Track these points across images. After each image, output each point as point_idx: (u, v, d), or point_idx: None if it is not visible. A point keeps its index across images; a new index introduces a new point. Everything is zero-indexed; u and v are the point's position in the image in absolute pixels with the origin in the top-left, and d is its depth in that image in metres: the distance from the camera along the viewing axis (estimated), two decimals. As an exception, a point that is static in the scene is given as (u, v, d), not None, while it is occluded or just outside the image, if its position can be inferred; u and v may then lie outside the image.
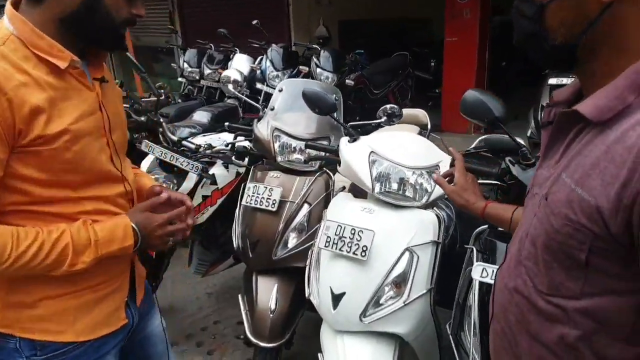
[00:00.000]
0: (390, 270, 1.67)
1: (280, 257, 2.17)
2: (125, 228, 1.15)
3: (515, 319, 0.87)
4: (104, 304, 1.20)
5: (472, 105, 1.48)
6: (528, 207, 0.89)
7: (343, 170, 1.88)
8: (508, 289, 0.88)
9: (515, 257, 0.87)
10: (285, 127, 2.29)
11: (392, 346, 1.74)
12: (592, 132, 0.74)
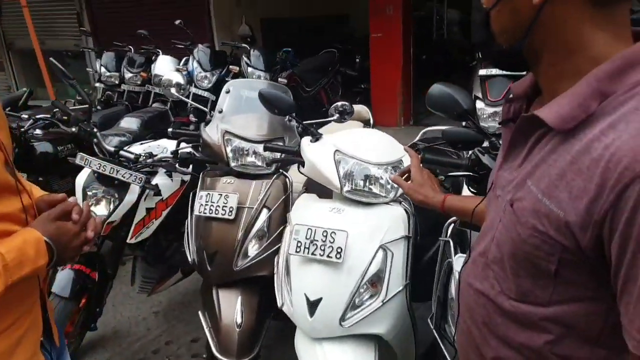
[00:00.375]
0: (366, 270, 1.63)
1: (241, 267, 2.07)
2: (37, 244, 0.96)
3: (482, 320, 0.86)
4: (19, 351, 0.98)
5: (439, 99, 1.48)
6: (492, 208, 0.87)
7: (308, 171, 1.81)
8: (474, 290, 0.87)
9: (482, 259, 0.86)
10: (236, 129, 2.18)
11: (372, 347, 1.71)
12: (554, 139, 0.72)
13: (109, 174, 2.30)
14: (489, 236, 0.84)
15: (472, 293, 0.88)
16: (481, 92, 3.41)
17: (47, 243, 0.98)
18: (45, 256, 0.98)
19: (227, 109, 2.24)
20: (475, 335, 0.88)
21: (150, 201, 2.51)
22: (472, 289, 0.88)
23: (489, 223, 0.86)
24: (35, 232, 0.98)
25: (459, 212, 1.25)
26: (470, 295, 0.88)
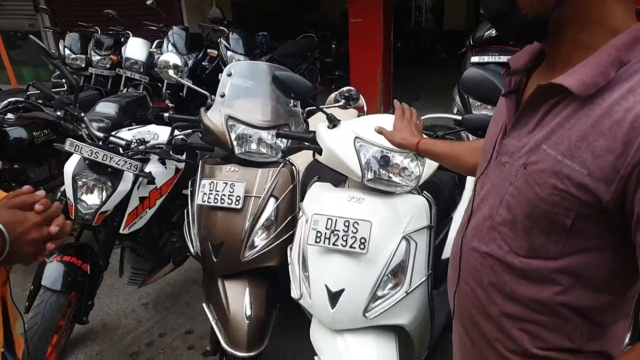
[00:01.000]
0: (390, 260, 1.60)
1: (249, 258, 2.00)
2: None
3: (488, 280, 0.91)
4: None
5: (476, 83, 1.45)
6: (495, 174, 0.91)
7: (326, 159, 1.75)
8: (480, 253, 0.92)
9: (487, 223, 0.91)
10: (239, 115, 2.09)
11: (393, 337, 1.69)
12: (571, 105, 0.78)
13: (102, 161, 2.17)
14: (493, 201, 0.90)
15: (477, 256, 0.93)
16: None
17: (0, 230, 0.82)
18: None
19: (229, 92, 2.14)
20: (479, 295, 0.94)
21: (143, 190, 2.39)
22: (478, 252, 0.93)
23: (492, 189, 0.91)
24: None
25: (432, 154, 1.36)
26: (476, 259, 0.94)
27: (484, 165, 0.97)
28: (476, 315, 0.96)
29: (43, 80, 6.84)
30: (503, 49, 3.50)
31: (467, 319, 1.00)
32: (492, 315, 0.92)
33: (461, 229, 1.02)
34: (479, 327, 0.96)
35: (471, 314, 0.98)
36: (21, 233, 0.85)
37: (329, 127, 1.78)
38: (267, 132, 2.10)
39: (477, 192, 0.99)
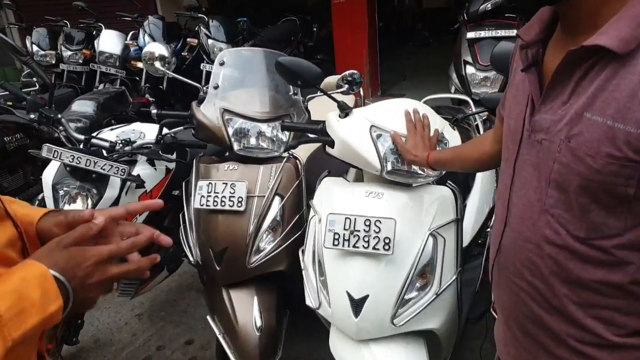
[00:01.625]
0: (417, 260, 1.45)
1: (255, 263, 1.84)
2: (42, 281, 0.66)
3: (549, 270, 0.84)
4: None
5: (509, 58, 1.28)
6: (531, 155, 0.84)
7: (339, 151, 1.58)
8: (534, 243, 0.85)
9: (537, 207, 0.84)
10: (236, 107, 1.90)
11: (422, 342, 1.55)
12: (611, 65, 0.72)
13: (85, 167, 1.96)
14: (538, 183, 0.83)
15: (531, 247, 0.86)
16: (470, 56, 3.26)
17: (58, 279, 0.67)
18: (57, 298, 0.66)
19: (223, 83, 1.95)
20: (540, 289, 0.86)
21: (132, 195, 2.20)
22: (531, 242, 0.86)
23: (533, 171, 0.84)
24: (39, 266, 0.67)
25: (442, 163, 1.36)
26: (530, 250, 0.86)
27: (514, 148, 0.89)
28: (538, 311, 0.88)
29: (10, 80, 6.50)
30: (499, 22, 3.35)
31: (525, 318, 0.91)
32: (559, 308, 0.85)
33: (500, 221, 0.94)
34: (543, 324, 0.88)
35: (532, 311, 0.89)
36: (83, 278, 0.70)
37: (340, 116, 1.60)
38: (266, 125, 1.92)
39: (510, 178, 0.90)
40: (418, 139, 1.45)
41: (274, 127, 1.93)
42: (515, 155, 0.88)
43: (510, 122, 0.91)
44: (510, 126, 0.90)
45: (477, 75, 3.20)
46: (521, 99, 0.88)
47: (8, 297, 0.62)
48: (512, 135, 0.89)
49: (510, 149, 0.90)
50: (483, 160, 1.22)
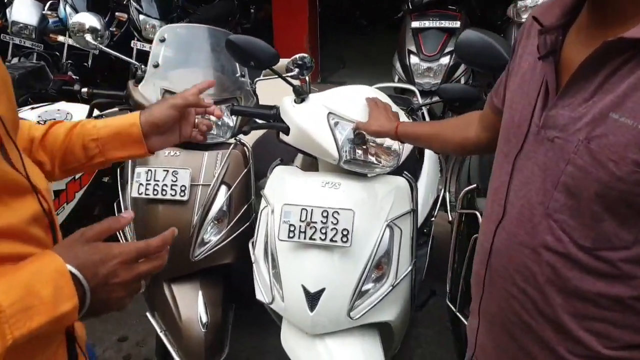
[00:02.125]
0: (374, 252, 1.42)
1: (200, 256, 1.73)
2: (57, 277, 0.60)
3: (545, 278, 0.78)
4: None
5: (475, 49, 1.27)
6: (539, 153, 0.78)
7: (294, 139, 1.51)
8: (531, 248, 0.79)
9: (539, 210, 0.77)
10: (178, 88, 1.76)
11: (376, 334, 1.53)
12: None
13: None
14: (543, 184, 0.76)
15: (527, 252, 0.80)
16: (415, 46, 3.27)
17: (75, 276, 0.61)
18: (71, 297, 0.60)
19: (164, 62, 1.79)
20: (532, 296, 0.81)
21: (59, 182, 1.99)
22: (528, 247, 0.79)
23: (539, 170, 0.77)
24: (56, 259, 0.61)
25: (413, 137, 1.30)
26: (525, 255, 0.80)
27: (516, 143, 0.82)
28: (528, 318, 0.83)
29: None
30: (443, 13, 3.39)
31: (512, 324, 0.85)
32: (551, 317, 0.79)
33: (492, 220, 0.86)
34: (532, 332, 0.83)
35: (520, 319, 0.84)
36: (105, 277, 0.64)
37: (295, 101, 1.52)
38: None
39: (509, 175, 0.83)
40: (381, 111, 1.39)
41: (221, 111, 1.81)
42: (517, 151, 0.81)
43: (513, 113, 0.84)
44: (513, 118, 0.83)
45: (420, 65, 3.23)
46: (530, 90, 0.80)
47: (14, 291, 0.56)
48: (514, 129, 0.83)
49: (512, 143, 0.83)
50: (465, 145, 1.16)
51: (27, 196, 0.67)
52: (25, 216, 0.65)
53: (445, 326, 2.37)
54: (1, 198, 0.62)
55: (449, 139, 1.20)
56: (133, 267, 0.68)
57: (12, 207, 0.63)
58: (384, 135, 1.37)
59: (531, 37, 0.84)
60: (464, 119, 1.19)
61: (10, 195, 0.63)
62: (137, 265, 0.69)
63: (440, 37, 3.24)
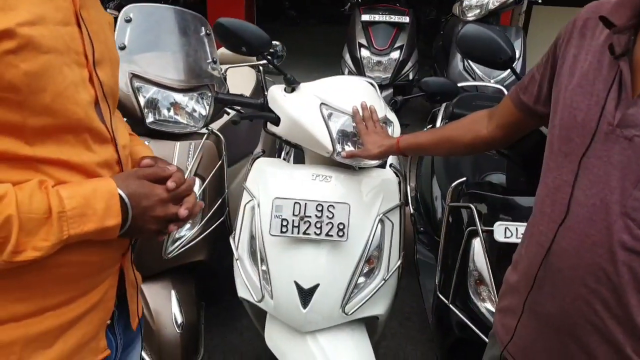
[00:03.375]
0: (368, 246, 1.41)
1: (173, 253, 1.63)
2: (109, 198, 0.74)
3: (621, 279, 0.77)
4: (72, 333, 0.77)
5: (477, 44, 1.28)
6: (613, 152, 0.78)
7: (285, 129, 1.45)
8: (605, 248, 0.78)
9: (613, 210, 0.77)
10: (148, 73, 1.63)
11: (364, 328, 1.52)
12: None
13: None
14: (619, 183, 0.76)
15: (601, 253, 0.78)
16: (365, 39, 3.29)
17: (123, 200, 0.75)
18: (117, 216, 0.74)
19: (131, 43, 1.65)
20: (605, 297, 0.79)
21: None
22: (602, 248, 0.78)
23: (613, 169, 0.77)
24: (111, 183, 0.75)
25: (416, 147, 1.32)
26: (599, 256, 0.79)
27: (582, 142, 0.81)
28: (596, 320, 0.82)
29: None
30: (392, 8, 3.43)
31: (576, 325, 0.84)
32: (622, 318, 0.79)
33: (551, 220, 0.86)
34: (599, 332, 0.82)
35: (588, 319, 0.83)
36: (145, 208, 0.78)
37: (286, 90, 1.46)
38: (183, 95, 1.68)
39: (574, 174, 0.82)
40: (371, 131, 1.38)
41: (192, 98, 1.70)
42: (583, 150, 0.81)
43: (575, 113, 0.83)
44: (576, 118, 0.83)
45: (371, 59, 3.25)
46: (596, 89, 0.80)
47: (76, 199, 0.70)
48: (578, 128, 0.82)
49: (575, 142, 0.83)
50: (475, 145, 1.16)
51: (107, 145, 0.80)
52: (100, 160, 0.77)
53: (406, 317, 2.43)
54: (84, 140, 0.74)
55: (457, 142, 1.19)
56: (167, 206, 0.81)
57: (91, 150, 0.76)
58: (387, 155, 1.38)
59: (588, 37, 0.84)
60: (469, 119, 1.19)
61: (93, 140, 0.76)
62: (171, 206, 0.82)
63: (390, 32, 3.28)
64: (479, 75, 2.95)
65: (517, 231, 1.30)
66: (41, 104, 0.67)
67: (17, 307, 0.71)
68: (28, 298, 0.72)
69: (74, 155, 0.73)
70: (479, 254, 1.39)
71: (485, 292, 1.40)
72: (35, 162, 0.69)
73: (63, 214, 0.68)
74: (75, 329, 0.78)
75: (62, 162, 0.72)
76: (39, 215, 0.66)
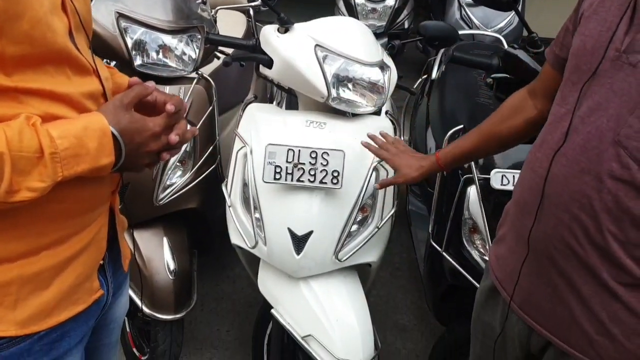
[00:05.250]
0: (362, 194, 1.39)
1: (164, 200, 1.60)
2: (101, 136, 0.71)
3: (603, 206, 0.78)
4: (68, 273, 0.78)
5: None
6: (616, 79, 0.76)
7: (278, 72, 1.40)
8: (593, 175, 0.79)
9: (608, 137, 0.77)
10: (135, 12, 1.55)
11: (356, 275, 1.53)
12: None
13: None
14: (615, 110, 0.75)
15: (589, 179, 0.79)
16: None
17: (115, 138, 0.73)
18: (110, 154, 0.72)
19: (115, -19, 1.56)
20: (585, 223, 0.81)
21: None
22: (590, 174, 0.79)
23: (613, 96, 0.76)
24: (102, 120, 0.72)
25: (459, 157, 1.19)
26: (586, 182, 0.79)
27: (587, 70, 0.80)
28: (575, 245, 0.82)
29: None
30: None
31: (556, 251, 0.85)
32: (600, 245, 0.80)
33: (550, 147, 0.85)
34: (577, 258, 0.83)
35: (567, 245, 0.83)
36: (138, 144, 0.76)
37: (279, 31, 1.40)
38: (172, 37, 1.61)
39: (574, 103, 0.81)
40: (401, 155, 1.25)
41: (181, 41, 1.63)
42: (587, 77, 0.79)
43: (585, 40, 0.81)
44: (585, 45, 0.81)
45: (366, 5, 3.15)
46: (609, 15, 0.78)
47: (69, 139, 0.67)
48: (587, 56, 0.80)
49: (582, 70, 0.81)
50: (527, 128, 1.06)
51: (90, 77, 0.77)
52: (84, 90, 0.74)
53: (397, 268, 2.47)
54: (64, 71, 0.71)
55: (505, 134, 1.09)
56: (159, 139, 0.79)
57: (73, 81, 0.73)
58: (430, 174, 1.23)
59: None
60: (508, 106, 1.10)
61: (73, 71, 0.73)
62: (163, 137, 0.79)
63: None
64: (477, 24, 2.88)
65: (514, 178, 1.29)
66: (20, 31, 0.64)
67: (11, 247, 0.70)
68: (22, 237, 0.71)
69: (57, 86, 0.70)
70: (474, 202, 1.38)
71: (478, 240, 1.41)
72: (17, 92, 0.66)
73: (56, 155, 0.66)
74: (70, 269, 0.78)
75: (46, 93, 0.69)
76: (30, 154, 0.64)
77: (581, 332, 0.85)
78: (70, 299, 0.79)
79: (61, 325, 0.77)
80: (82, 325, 0.82)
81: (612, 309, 0.82)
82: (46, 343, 0.76)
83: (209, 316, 2.11)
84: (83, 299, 0.81)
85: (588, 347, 0.85)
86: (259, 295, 1.54)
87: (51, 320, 0.76)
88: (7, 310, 0.71)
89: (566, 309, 0.86)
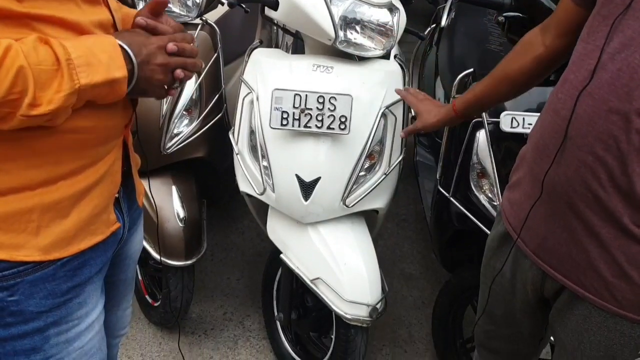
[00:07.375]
0: (370, 140, 1.38)
1: (171, 149, 1.60)
2: (111, 48, 0.72)
3: (631, 147, 0.76)
4: (85, 203, 0.80)
5: None
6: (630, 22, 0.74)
7: (284, 14, 1.37)
8: (621, 114, 0.75)
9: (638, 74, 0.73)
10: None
11: (363, 221, 1.55)
12: None
13: None
14: None
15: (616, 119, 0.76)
16: None
17: (125, 51, 0.73)
18: (122, 68, 0.72)
19: None
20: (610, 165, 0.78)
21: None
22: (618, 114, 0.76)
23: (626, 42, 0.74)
24: (109, 37, 0.74)
25: (475, 103, 1.16)
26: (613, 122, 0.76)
27: (623, 2, 0.75)
28: (597, 188, 0.80)
29: None
30: None
31: (576, 194, 0.83)
32: (624, 188, 0.78)
33: (574, 87, 0.81)
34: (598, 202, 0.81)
35: (589, 188, 0.81)
36: (148, 55, 0.76)
37: (285, -28, 1.36)
38: (173, -18, 1.57)
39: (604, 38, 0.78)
40: (422, 99, 1.28)
41: (185, -14, 1.59)
42: (621, 10, 0.75)
43: None
44: None
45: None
46: None
47: (81, 49, 0.68)
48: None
49: (615, 3, 0.76)
50: (537, 69, 1.02)
51: (99, 6, 0.78)
52: (93, 19, 0.75)
53: (403, 219, 2.48)
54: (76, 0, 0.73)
55: (516, 75, 1.05)
56: (168, 56, 0.78)
57: (83, 9, 0.74)
58: (446, 124, 1.28)
59: None
60: (519, 47, 1.05)
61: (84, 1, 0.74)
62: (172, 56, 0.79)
63: None
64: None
65: (524, 121, 1.27)
66: None
67: (31, 175, 0.72)
68: (41, 165, 0.73)
69: (68, 13, 0.70)
70: (483, 146, 1.37)
71: (487, 185, 1.40)
72: (28, 19, 0.66)
73: (70, 61, 0.66)
74: (87, 200, 0.80)
75: (56, 20, 0.69)
76: (48, 66, 0.65)
77: (597, 275, 0.84)
78: (89, 228, 0.81)
79: (82, 253, 0.81)
80: (100, 255, 0.86)
81: (631, 252, 0.80)
82: (69, 269, 0.80)
83: (219, 266, 2.15)
84: (101, 230, 0.84)
85: (604, 289, 0.84)
86: (267, 245, 1.56)
87: (72, 248, 0.79)
88: (30, 236, 0.74)
89: (583, 253, 0.85)
